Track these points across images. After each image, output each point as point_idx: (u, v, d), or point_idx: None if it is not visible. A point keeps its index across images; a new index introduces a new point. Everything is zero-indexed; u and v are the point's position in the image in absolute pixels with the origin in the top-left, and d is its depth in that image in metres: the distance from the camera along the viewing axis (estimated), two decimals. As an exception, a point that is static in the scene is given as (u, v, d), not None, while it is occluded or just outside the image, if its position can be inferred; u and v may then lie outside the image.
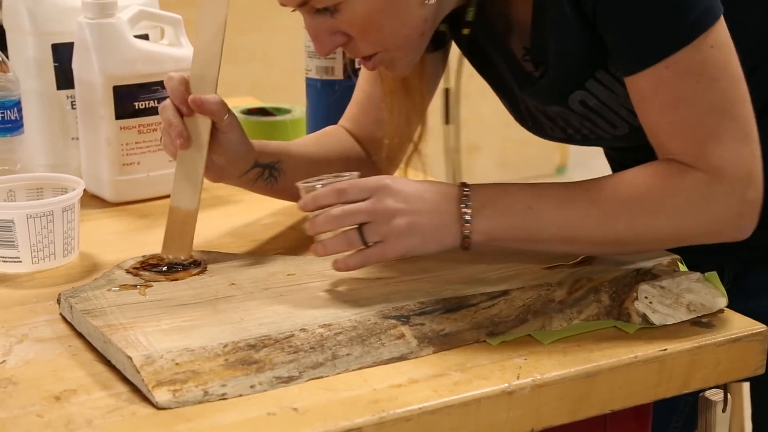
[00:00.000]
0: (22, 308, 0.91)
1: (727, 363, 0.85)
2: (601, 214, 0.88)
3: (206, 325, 0.82)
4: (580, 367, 0.79)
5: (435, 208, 0.88)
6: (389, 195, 0.88)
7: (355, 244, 0.88)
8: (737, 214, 0.88)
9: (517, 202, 0.89)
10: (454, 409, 0.74)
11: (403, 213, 0.87)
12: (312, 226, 0.89)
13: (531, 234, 0.89)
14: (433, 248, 0.89)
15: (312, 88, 1.28)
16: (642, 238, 0.89)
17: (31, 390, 0.75)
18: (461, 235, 0.88)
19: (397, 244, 0.88)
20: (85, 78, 1.19)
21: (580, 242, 0.89)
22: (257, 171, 1.04)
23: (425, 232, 0.88)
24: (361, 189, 0.88)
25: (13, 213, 0.97)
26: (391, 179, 0.89)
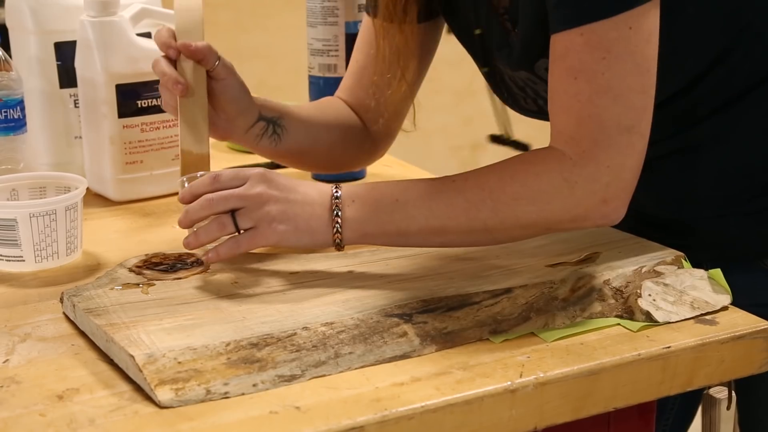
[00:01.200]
0: (25, 307, 0.91)
1: (731, 360, 0.85)
2: (465, 203, 0.88)
3: (208, 324, 0.82)
4: (584, 365, 0.79)
5: (307, 200, 0.90)
6: (263, 182, 0.89)
7: (227, 228, 0.89)
8: (601, 200, 0.87)
9: (385, 196, 0.90)
10: (456, 408, 0.74)
11: (275, 200, 0.89)
12: (185, 216, 0.90)
13: (400, 227, 0.90)
14: (306, 240, 0.90)
15: (315, 86, 1.28)
16: (508, 224, 0.89)
17: (34, 389, 0.75)
18: (332, 229, 0.90)
19: (269, 230, 0.89)
20: (88, 76, 1.19)
21: (450, 232, 0.90)
22: (262, 125, 1.05)
23: (297, 221, 0.89)
24: (236, 176, 0.90)
25: (16, 212, 0.97)
26: (264, 170, 0.91)
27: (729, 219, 1.00)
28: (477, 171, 0.91)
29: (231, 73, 1.02)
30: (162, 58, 1.00)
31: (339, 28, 1.24)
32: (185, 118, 0.99)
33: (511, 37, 0.98)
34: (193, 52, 0.99)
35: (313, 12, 1.25)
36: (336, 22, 1.24)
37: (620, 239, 0.98)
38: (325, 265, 0.95)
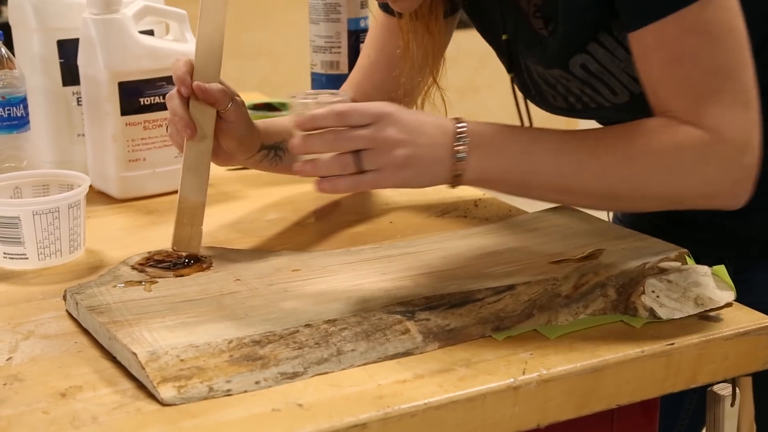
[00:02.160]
0: (28, 305, 0.91)
1: (735, 357, 0.84)
2: (598, 166, 0.86)
3: (211, 321, 0.82)
4: (587, 362, 0.79)
5: (433, 142, 0.86)
6: (392, 124, 0.85)
7: (349, 167, 0.85)
8: (733, 180, 0.87)
9: (513, 145, 0.87)
10: (459, 405, 0.74)
11: (403, 144, 0.85)
12: (304, 145, 0.86)
13: (524, 178, 0.87)
14: (426, 182, 0.88)
15: (317, 83, 1.28)
16: (637, 194, 0.87)
17: (37, 387, 0.75)
18: (453, 172, 0.87)
19: (393, 175, 0.86)
20: (91, 74, 1.19)
21: (573, 192, 0.88)
22: (263, 153, 1.05)
23: (421, 166, 0.86)
24: (363, 114, 0.85)
25: (19, 210, 0.97)
26: (394, 107, 0.87)
27: (755, 214, 1.00)
28: (611, 131, 0.88)
29: (241, 114, 0.99)
30: (176, 94, 0.97)
31: (341, 24, 1.24)
32: (188, 163, 0.98)
33: (543, 35, 0.97)
34: (207, 96, 0.96)
35: (315, 9, 1.25)
36: (338, 18, 1.24)
37: (623, 236, 0.98)
38: (327, 262, 0.95)
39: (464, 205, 1.17)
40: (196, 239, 0.98)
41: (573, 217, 1.05)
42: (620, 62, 0.93)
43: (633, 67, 0.90)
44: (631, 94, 0.96)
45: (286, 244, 1.05)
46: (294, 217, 1.14)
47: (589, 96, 0.99)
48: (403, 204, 1.18)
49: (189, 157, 0.98)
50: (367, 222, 1.12)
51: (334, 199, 1.21)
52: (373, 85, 1.13)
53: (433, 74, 1.09)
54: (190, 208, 0.98)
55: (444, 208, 1.16)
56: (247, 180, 1.29)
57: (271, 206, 1.19)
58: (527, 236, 1.00)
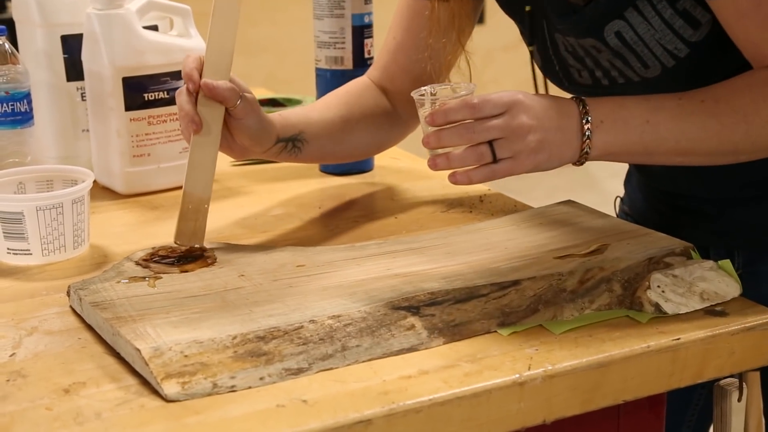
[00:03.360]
0: (32, 300, 0.91)
1: (741, 352, 0.84)
2: (719, 125, 0.88)
3: (215, 317, 0.81)
4: (592, 357, 0.78)
5: (560, 125, 0.89)
6: (523, 111, 0.88)
7: (484, 158, 0.88)
8: None
9: (635, 117, 0.89)
10: (464, 401, 0.74)
11: (535, 129, 0.88)
12: (438, 139, 0.89)
13: (647, 147, 0.90)
14: (555, 164, 0.91)
15: (321, 78, 1.27)
16: (759, 147, 0.89)
17: (41, 383, 0.75)
18: (580, 150, 0.90)
19: (527, 160, 0.89)
20: (95, 69, 1.18)
21: (697, 153, 0.90)
22: (280, 146, 1.05)
23: (552, 149, 0.89)
24: (495, 104, 0.88)
25: (23, 205, 0.97)
26: (522, 94, 0.89)
27: (765, 203, 0.99)
28: (727, 90, 0.89)
29: (251, 110, 0.98)
30: (184, 91, 0.97)
31: (345, 20, 1.23)
32: (194, 158, 0.98)
33: (577, 3, 0.97)
34: (214, 93, 0.95)
35: (319, 4, 1.25)
36: (342, 14, 1.23)
37: (629, 231, 0.98)
38: (331, 257, 0.95)
39: (469, 200, 1.17)
40: (200, 234, 0.98)
41: (578, 211, 1.04)
42: (656, 32, 0.93)
43: (668, 38, 0.91)
44: (663, 68, 0.95)
45: (291, 239, 1.05)
46: (299, 213, 1.14)
47: (619, 69, 0.98)
48: (407, 200, 1.18)
49: (195, 152, 0.98)
50: (371, 218, 1.12)
51: (339, 194, 1.21)
52: (399, 67, 1.12)
53: (459, 38, 1.08)
54: (194, 202, 0.98)
55: (449, 203, 1.16)
56: (251, 175, 1.29)
57: (276, 202, 1.18)
58: (532, 231, 0.99)
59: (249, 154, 1.03)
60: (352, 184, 1.25)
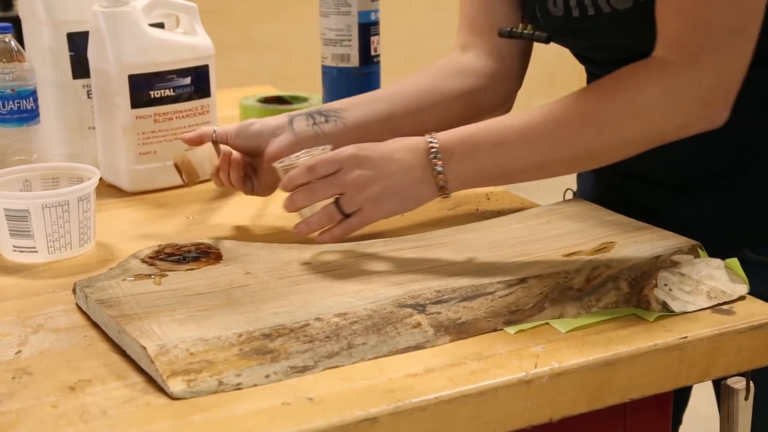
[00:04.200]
0: (37, 298, 0.91)
1: (748, 350, 0.83)
2: (566, 132, 0.89)
3: (221, 315, 0.81)
4: (599, 356, 0.78)
5: (406, 167, 0.91)
6: (357, 165, 0.91)
7: (335, 217, 0.93)
8: (703, 104, 0.87)
9: (483, 142, 0.91)
10: (471, 399, 0.74)
11: (374, 180, 0.91)
12: (290, 203, 0.94)
13: (504, 169, 0.92)
14: (413, 205, 0.93)
15: (328, 76, 1.27)
16: (613, 145, 0.89)
17: (46, 380, 0.75)
18: (437, 186, 0.92)
19: (375, 210, 0.92)
20: (101, 67, 1.18)
21: (554, 165, 0.91)
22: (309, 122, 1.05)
23: (401, 193, 0.92)
24: (329, 163, 0.92)
25: (29, 203, 0.97)
26: (356, 147, 0.92)
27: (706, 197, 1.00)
28: (575, 95, 0.90)
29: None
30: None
31: (352, 17, 1.23)
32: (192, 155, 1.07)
33: None
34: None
35: (326, 2, 1.24)
36: (349, 11, 1.23)
37: (636, 229, 0.97)
38: (337, 255, 0.94)
39: (476, 198, 1.16)
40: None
41: (585, 209, 1.04)
42: None
43: None
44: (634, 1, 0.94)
45: (296, 237, 1.05)
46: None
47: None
48: (414, 197, 1.18)
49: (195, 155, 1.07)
50: (377, 215, 1.12)
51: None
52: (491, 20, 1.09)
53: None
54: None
55: (455, 201, 1.15)
56: (257, 173, 1.29)
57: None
58: (539, 229, 0.99)
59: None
60: (358, 181, 1.25)
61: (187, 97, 1.21)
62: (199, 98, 1.22)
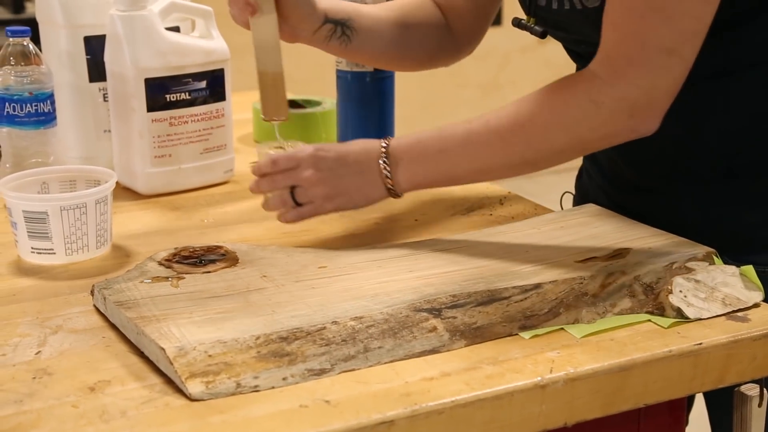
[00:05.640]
0: (56, 299, 0.91)
1: (763, 357, 0.84)
2: (501, 141, 0.95)
3: (238, 318, 0.82)
4: (614, 361, 0.79)
5: (356, 170, 1.00)
6: (312, 165, 1.00)
7: (288, 203, 1.02)
8: (628, 116, 0.90)
9: (428, 149, 0.98)
10: (486, 403, 0.74)
11: (323, 181, 1.00)
12: (255, 186, 1.03)
13: (448, 174, 0.98)
14: (361, 203, 1.02)
15: (342, 80, 1.28)
16: (543, 154, 0.94)
17: (66, 380, 0.76)
18: (385, 188, 1.00)
19: (324, 205, 1.01)
20: (117, 70, 1.19)
21: (492, 170, 0.97)
22: (329, 27, 1.09)
23: (349, 193, 1.00)
24: (289, 159, 1.01)
25: (47, 205, 0.98)
26: (317, 148, 1.01)
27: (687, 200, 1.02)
28: (512, 106, 0.95)
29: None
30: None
31: (367, 22, 1.23)
32: (257, 39, 1.04)
33: None
34: None
35: (341, 6, 1.25)
36: (364, 16, 1.23)
37: (650, 235, 0.98)
38: (353, 259, 0.95)
39: (490, 203, 1.17)
40: (284, 106, 1.05)
41: (600, 215, 1.04)
42: None
43: None
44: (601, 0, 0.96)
45: (312, 241, 1.06)
46: (319, 214, 1.14)
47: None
48: (428, 202, 1.18)
49: (256, 34, 1.03)
50: (392, 220, 1.12)
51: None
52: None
53: None
54: (270, 79, 1.04)
55: (469, 206, 1.16)
56: (271, 177, 1.30)
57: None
58: (554, 235, 1.00)
59: (298, 35, 1.08)
60: (371, 186, 1.25)
61: (203, 101, 1.21)
62: (215, 102, 1.22)
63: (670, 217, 1.02)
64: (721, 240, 0.97)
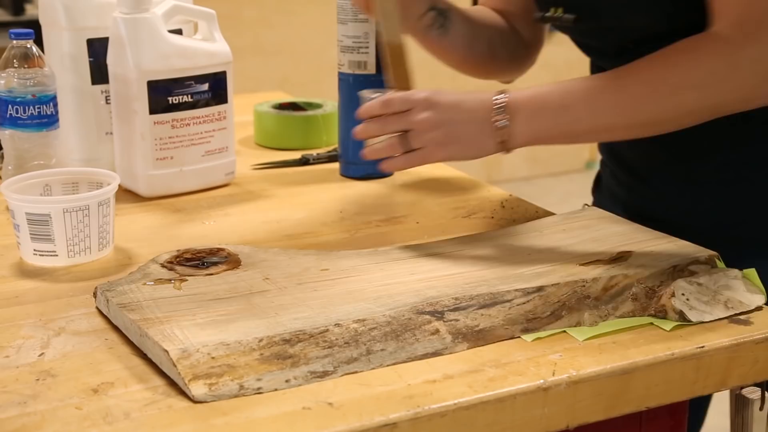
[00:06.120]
0: (59, 301, 0.91)
1: (765, 360, 0.84)
2: (629, 99, 0.92)
3: (241, 320, 0.82)
4: (616, 364, 0.79)
5: (472, 118, 0.96)
6: (428, 108, 0.96)
7: (396, 149, 0.98)
8: (765, 79, 0.89)
9: (549, 102, 0.95)
10: (489, 405, 0.74)
11: (439, 125, 0.95)
12: (362, 130, 1.00)
13: (566, 130, 0.95)
14: (473, 154, 0.97)
15: (344, 83, 1.28)
16: (673, 114, 0.92)
17: (70, 382, 0.76)
18: (498, 140, 0.96)
19: (436, 151, 0.97)
20: (120, 73, 1.19)
21: (617, 128, 0.95)
22: (432, 15, 1.11)
23: (463, 141, 0.96)
24: (404, 101, 0.97)
25: (50, 207, 0.98)
26: (432, 92, 0.97)
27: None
28: (636, 64, 0.93)
29: None
30: None
31: (369, 25, 1.24)
32: (380, 12, 1.05)
33: None
34: None
35: (343, 9, 1.25)
36: (367, 19, 1.24)
37: (653, 238, 0.98)
38: (355, 262, 0.95)
39: (491, 206, 1.17)
40: (410, 76, 1.05)
41: (602, 218, 1.05)
42: None
43: None
44: None
45: (314, 243, 1.06)
46: (320, 217, 1.15)
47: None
48: (429, 205, 1.19)
49: (378, 7, 1.05)
50: (394, 223, 1.13)
51: (360, 199, 1.21)
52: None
53: None
54: (395, 49, 1.04)
55: (470, 209, 1.16)
56: (273, 179, 1.30)
57: (298, 205, 1.19)
58: (556, 237, 1.00)
59: (405, 17, 1.08)
60: (372, 189, 1.26)
61: (205, 103, 1.21)
62: (217, 104, 1.23)
63: None
64: None
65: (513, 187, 1.00)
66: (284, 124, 1.44)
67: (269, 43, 3.58)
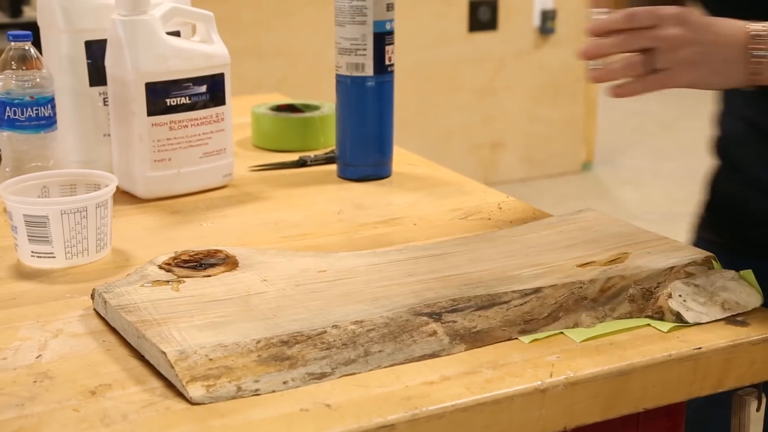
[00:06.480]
0: (56, 303, 0.91)
1: (762, 362, 0.84)
2: None
3: (239, 321, 0.82)
4: (614, 366, 0.79)
5: (727, 42, 0.88)
6: (680, 23, 0.87)
7: (637, 69, 0.88)
8: None
9: None
10: (486, 407, 0.74)
11: (693, 42, 0.87)
12: (596, 48, 0.89)
13: None
14: (719, 82, 0.90)
15: (342, 85, 1.28)
16: None
17: (67, 384, 0.76)
18: (750, 72, 0.88)
19: (683, 73, 0.88)
20: (118, 75, 1.19)
21: None
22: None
23: (712, 65, 0.88)
24: (651, 15, 0.88)
25: (48, 209, 0.98)
26: (680, 9, 0.88)
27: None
28: None
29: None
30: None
31: (367, 27, 1.24)
32: None
33: None
34: None
35: (341, 11, 1.25)
36: (364, 21, 1.24)
37: (650, 239, 0.98)
38: (353, 263, 0.95)
39: (488, 207, 1.17)
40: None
41: (599, 219, 1.05)
42: None
43: None
44: None
45: (311, 245, 1.06)
46: (318, 219, 1.15)
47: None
48: (426, 206, 1.19)
49: None
50: (391, 224, 1.13)
51: (357, 200, 1.21)
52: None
53: None
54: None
55: (467, 210, 1.16)
56: (271, 181, 1.30)
57: (296, 207, 1.19)
58: (553, 239, 1.00)
59: None
60: (370, 190, 1.26)
61: (203, 105, 1.22)
62: (215, 106, 1.23)
63: None
64: None
65: (509, 188, 1.00)
66: (282, 126, 1.44)
67: (267, 45, 3.58)
